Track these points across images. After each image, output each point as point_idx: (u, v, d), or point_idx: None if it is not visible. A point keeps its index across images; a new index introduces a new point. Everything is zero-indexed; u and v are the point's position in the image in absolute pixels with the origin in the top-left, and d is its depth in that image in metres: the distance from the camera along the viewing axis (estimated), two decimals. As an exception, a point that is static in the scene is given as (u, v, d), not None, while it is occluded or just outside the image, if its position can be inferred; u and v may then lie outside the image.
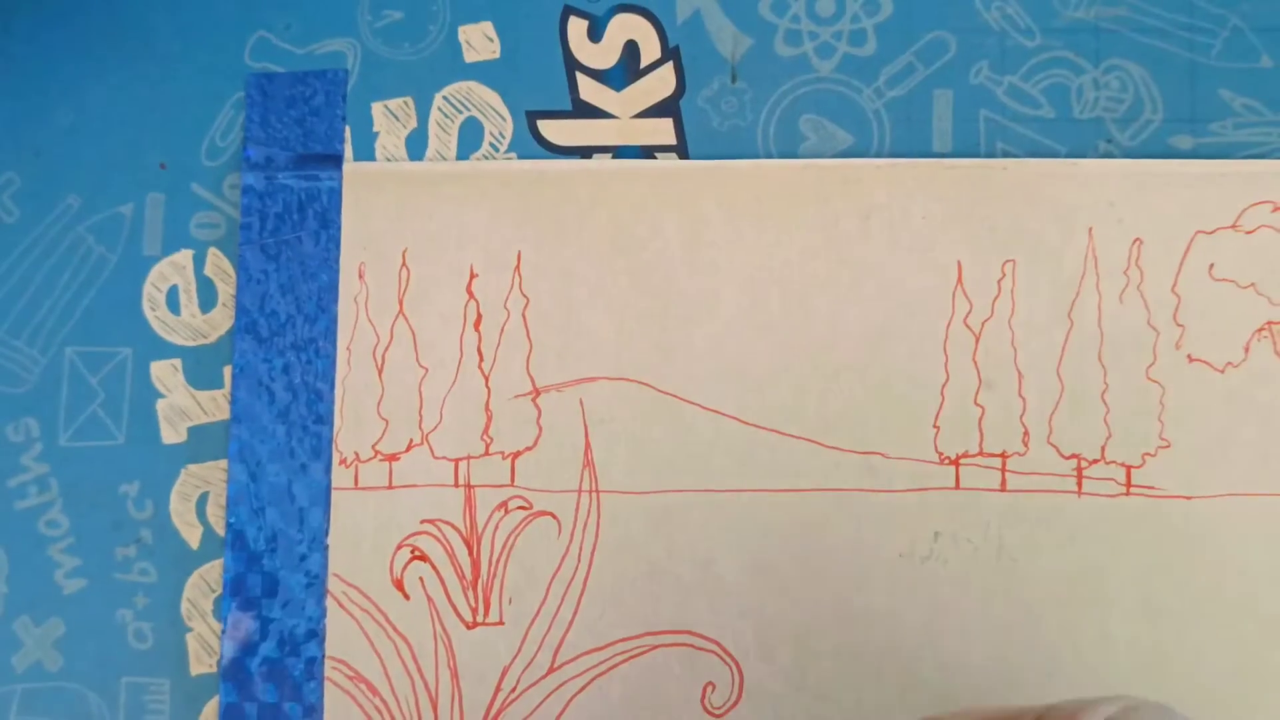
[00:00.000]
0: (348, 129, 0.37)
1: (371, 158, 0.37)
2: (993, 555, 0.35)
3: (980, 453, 0.35)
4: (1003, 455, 0.35)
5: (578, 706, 0.35)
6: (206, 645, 0.36)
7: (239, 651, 0.35)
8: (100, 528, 0.36)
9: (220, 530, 0.36)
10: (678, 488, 0.35)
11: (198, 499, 0.36)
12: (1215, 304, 0.35)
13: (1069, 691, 0.34)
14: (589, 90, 0.37)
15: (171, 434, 0.36)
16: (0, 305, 0.37)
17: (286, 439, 0.36)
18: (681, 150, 0.36)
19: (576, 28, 0.37)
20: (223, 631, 0.35)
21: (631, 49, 0.37)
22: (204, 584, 0.36)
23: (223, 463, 0.36)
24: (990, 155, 0.36)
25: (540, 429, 0.36)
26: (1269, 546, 0.34)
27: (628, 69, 0.37)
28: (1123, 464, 0.35)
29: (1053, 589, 0.34)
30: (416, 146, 0.37)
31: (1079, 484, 0.35)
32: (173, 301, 0.37)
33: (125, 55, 0.37)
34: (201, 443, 0.36)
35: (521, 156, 0.37)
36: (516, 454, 0.36)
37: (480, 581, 0.35)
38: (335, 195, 0.37)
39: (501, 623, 0.35)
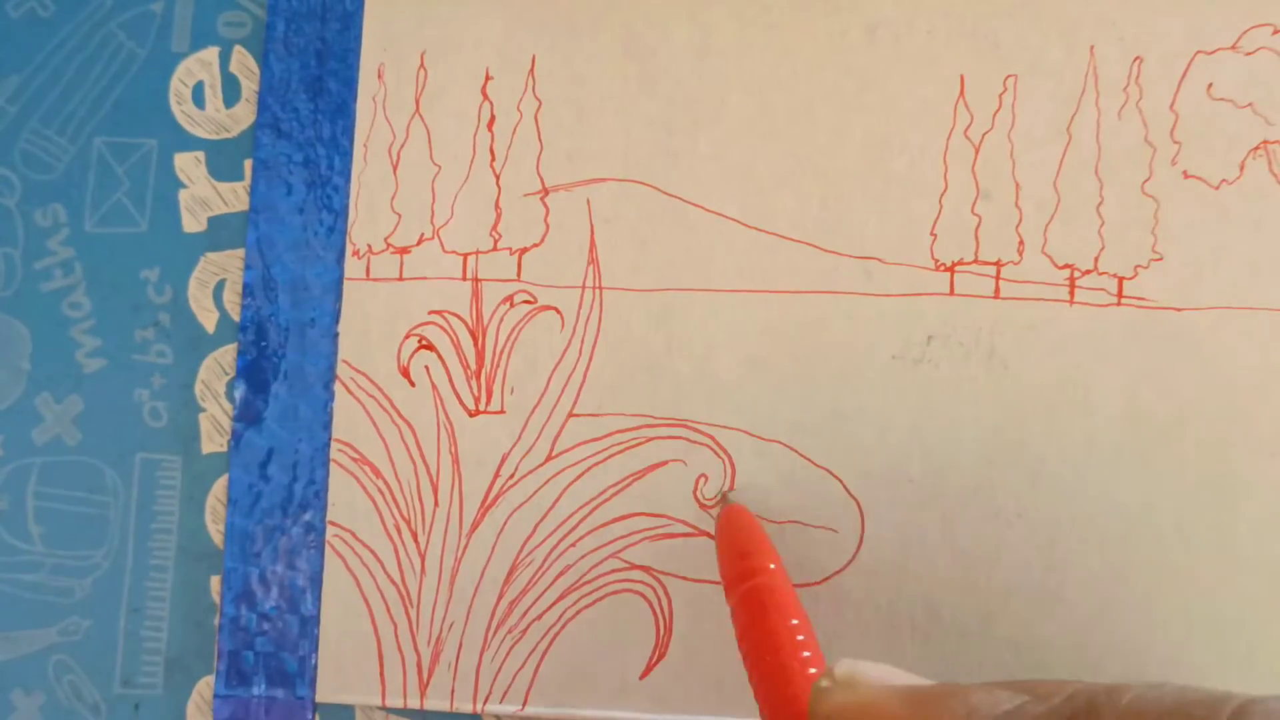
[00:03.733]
0: (372, -65, 0.38)
1: (394, -37, 0.38)
2: (983, 360, 0.35)
3: (975, 260, 0.36)
4: (997, 263, 0.36)
5: (573, 494, 0.36)
6: (218, 425, 0.37)
7: (248, 431, 0.36)
8: (121, 310, 0.38)
9: (235, 316, 0.37)
10: (679, 286, 0.36)
11: (215, 285, 0.37)
12: (1213, 122, 0.36)
13: (1052, 493, 0.35)
14: (606, -101, 0.38)
15: (192, 223, 0.38)
16: (33, 96, 0.38)
17: (302, 230, 0.37)
18: (694, -40, 0.37)
19: None
20: (234, 412, 0.37)
21: None
22: (218, 367, 0.37)
23: (240, 252, 0.37)
24: (997, -22, 0.37)
25: (548, 227, 0.37)
26: (1255, 359, 0.35)
27: (644, -122, 0.38)
28: (1115, 275, 0.35)
29: (1041, 394, 0.35)
30: (437, -48, 0.38)
31: (1071, 293, 0.35)
32: (198, 96, 0.38)
33: None
34: (221, 232, 0.38)
35: (538, -36, 0.38)
36: (524, 250, 0.37)
37: (484, 371, 0.37)
38: (358, -2, 0.38)
39: (503, 411, 0.36)
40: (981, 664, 0.34)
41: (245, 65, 0.38)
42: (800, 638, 0.28)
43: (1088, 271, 0.35)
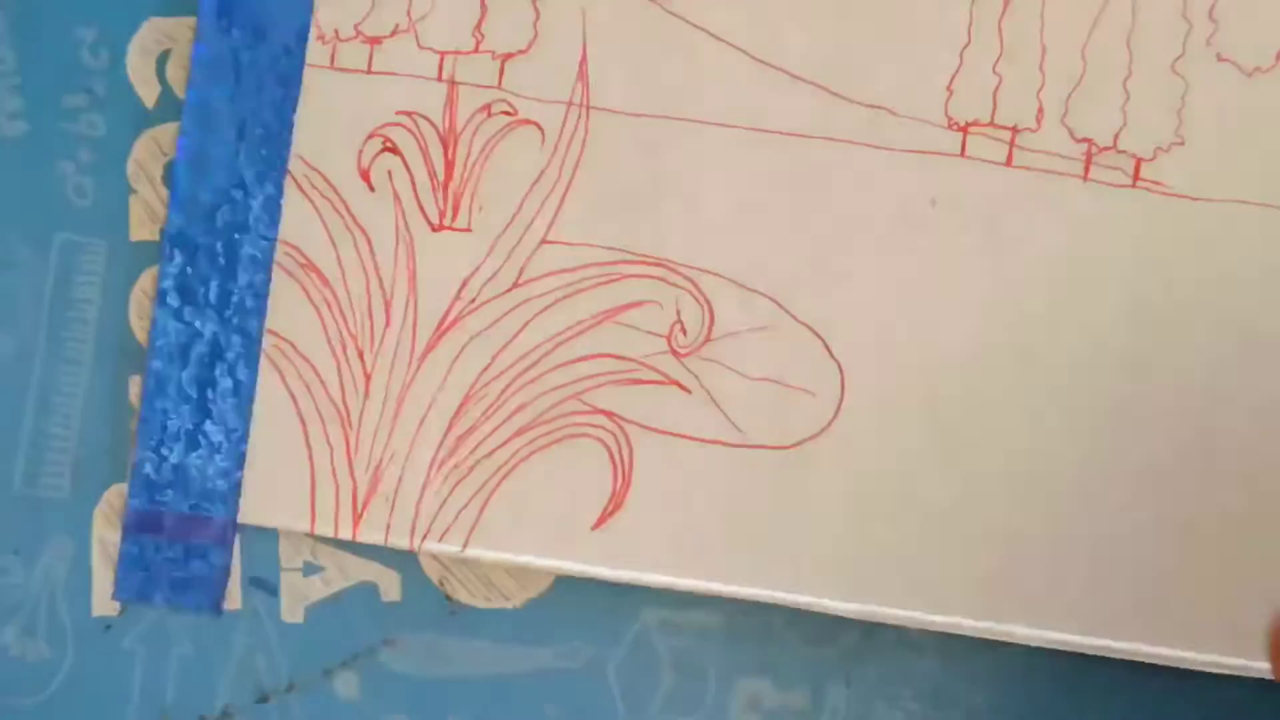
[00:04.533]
0: None
1: None
2: (987, 230, 0.33)
3: (991, 123, 0.34)
4: (1013, 129, 0.33)
5: (538, 326, 0.33)
6: (151, 211, 0.33)
7: (184, 219, 0.33)
8: (48, 70, 0.33)
9: (180, 92, 0.33)
10: (673, 115, 0.33)
11: (159, 56, 0.34)
12: (1254, 4, 0.34)
13: (1041, 376, 0.33)
14: None
15: (138, -20, 0.34)
16: None
17: (266, 5, 0.33)
18: None
19: None
20: (170, 198, 0.33)
21: None
22: (155, 146, 0.33)
23: (191, 20, 0.33)
24: None
25: (536, 33, 0.34)
26: (1266, 259, 0.33)
27: None
28: (1133, 155, 0.33)
29: (1042, 272, 0.33)
30: None
31: (1086, 169, 0.33)
32: None
33: None
34: (171, -5, 0.33)
35: None
36: (508, 56, 0.34)
37: (452, 184, 0.33)
38: None
39: (469, 229, 0.33)
40: (948, 548, 0.33)
41: None
42: None
43: (1106, 149, 0.33)
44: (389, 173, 0.34)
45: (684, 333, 0.33)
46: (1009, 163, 0.34)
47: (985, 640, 0.33)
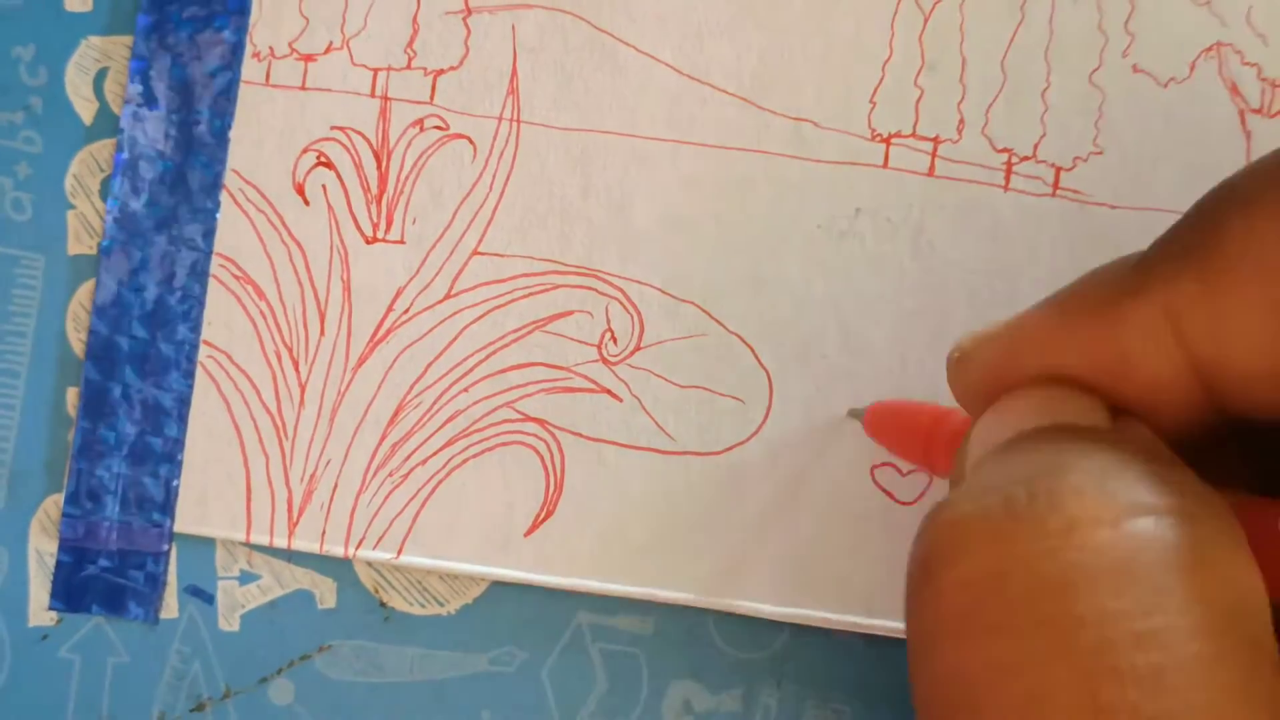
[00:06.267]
0: None
1: None
2: (911, 239, 0.34)
3: (913, 134, 0.34)
4: (935, 140, 0.34)
5: (470, 336, 0.34)
6: (88, 226, 0.34)
7: (122, 234, 0.33)
8: (-13, 89, 0.34)
9: (117, 109, 0.34)
10: (601, 128, 0.34)
11: (96, 73, 0.34)
12: (1168, 17, 0.34)
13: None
14: None
15: (76, 1, 0.34)
16: None
17: (201, 24, 0.34)
18: None
19: None
20: (107, 213, 0.33)
21: None
22: (93, 162, 0.34)
23: (128, 39, 0.34)
24: None
25: (467, 50, 0.34)
26: (1183, 265, 0.34)
27: None
28: (1053, 164, 0.34)
29: (965, 280, 0.34)
30: None
31: (1007, 178, 0.34)
32: None
33: None
34: (107, 15, 0.34)
35: None
36: (439, 72, 0.34)
37: (385, 197, 0.34)
38: None
39: (402, 241, 0.34)
40: (877, 554, 0.33)
41: None
42: None
43: (1026, 158, 0.34)
44: (323, 187, 0.34)
45: (614, 341, 0.34)
46: (931, 173, 0.34)
47: (909, 640, 0.33)
